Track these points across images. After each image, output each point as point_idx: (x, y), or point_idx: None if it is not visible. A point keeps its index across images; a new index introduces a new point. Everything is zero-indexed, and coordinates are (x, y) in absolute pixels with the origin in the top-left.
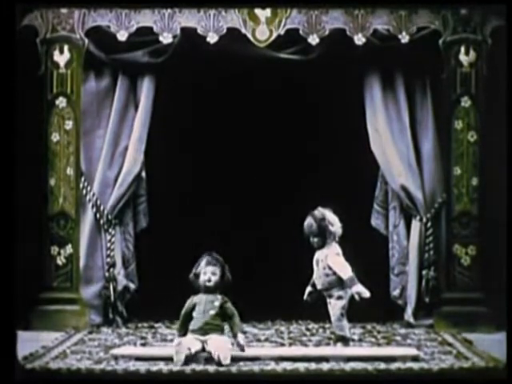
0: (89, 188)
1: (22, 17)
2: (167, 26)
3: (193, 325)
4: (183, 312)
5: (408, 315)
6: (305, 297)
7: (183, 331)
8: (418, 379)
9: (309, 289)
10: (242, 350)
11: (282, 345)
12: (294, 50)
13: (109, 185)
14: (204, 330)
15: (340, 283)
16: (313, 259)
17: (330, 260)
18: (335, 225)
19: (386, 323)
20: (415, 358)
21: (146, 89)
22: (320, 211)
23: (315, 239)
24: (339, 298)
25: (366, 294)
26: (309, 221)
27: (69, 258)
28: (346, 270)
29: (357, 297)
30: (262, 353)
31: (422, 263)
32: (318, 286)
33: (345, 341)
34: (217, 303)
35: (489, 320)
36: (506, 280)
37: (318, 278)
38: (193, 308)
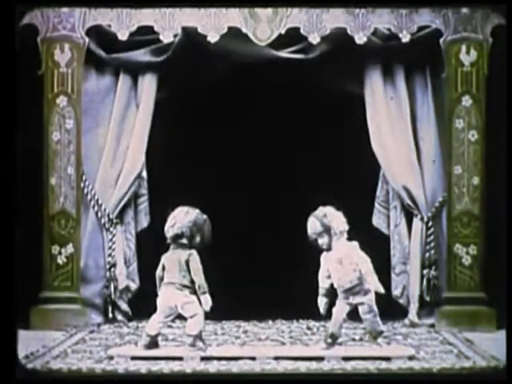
0: (90, 187)
1: (23, 16)
2: (168, 25)
3: None
4: None
5: (412, 315)
6: (322, 311)
7: None
8: (419, 379)
9: (325, 300)
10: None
11: (283, 344)
12: (295, 49)
13: (110, 184)
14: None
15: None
16: (317, 258)
17: (356, 253)
18: (339, 221)
19: (386, 323)
20: (412, 358)
21: (146, 88)
22: (321, 209)
23: (321, 239)
24: (367, 292)
25: (381, 289)
26: (311, 220)
27: (69, 257)
28: (368, 264)
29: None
30: (260, 353)
31: (423, 262)
32: (345, 286)
33: (381, 334)
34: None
35: (489, 319)
36: (507, 279)
37: (345, 277)
38: None
